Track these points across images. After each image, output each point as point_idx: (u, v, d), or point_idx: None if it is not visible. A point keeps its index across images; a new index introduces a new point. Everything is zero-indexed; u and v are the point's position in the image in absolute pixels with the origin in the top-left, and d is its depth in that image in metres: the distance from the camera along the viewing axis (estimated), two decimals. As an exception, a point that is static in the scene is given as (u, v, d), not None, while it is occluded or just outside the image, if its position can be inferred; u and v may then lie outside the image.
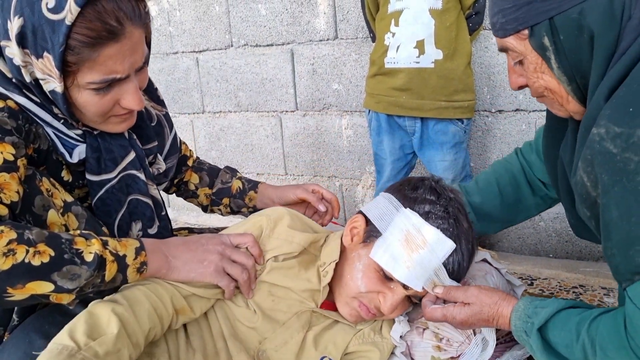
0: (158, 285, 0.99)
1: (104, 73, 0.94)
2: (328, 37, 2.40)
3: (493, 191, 1.30)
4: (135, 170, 1.14)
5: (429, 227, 1.03)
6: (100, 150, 1.08)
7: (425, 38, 1.79)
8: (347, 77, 2.40)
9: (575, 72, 0.87)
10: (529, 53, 0.90)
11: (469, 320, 1.02)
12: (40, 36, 0.89)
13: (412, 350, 1.15)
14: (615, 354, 0.82)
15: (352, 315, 1.11)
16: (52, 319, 0.98)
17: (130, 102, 1.01)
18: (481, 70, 2.07)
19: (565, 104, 0.94)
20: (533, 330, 0.93)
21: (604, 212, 0.79)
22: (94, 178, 1.08)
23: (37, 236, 0.85)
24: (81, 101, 0.97)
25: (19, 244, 0.82)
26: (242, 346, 1.05)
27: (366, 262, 1.08)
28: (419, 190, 1.10)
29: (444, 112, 1.85)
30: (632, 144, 0.74)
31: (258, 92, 2.67)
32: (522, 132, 2.08)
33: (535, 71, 0.92)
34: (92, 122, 1.04)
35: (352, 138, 2.48)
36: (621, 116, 0.76)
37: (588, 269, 1.92)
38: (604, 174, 0.78)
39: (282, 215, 1.15)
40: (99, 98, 0.97)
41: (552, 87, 0.92)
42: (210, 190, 1.45)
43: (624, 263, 0.78)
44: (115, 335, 0.87)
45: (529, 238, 2.19)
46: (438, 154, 1.92)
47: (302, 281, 1.11)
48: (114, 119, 1.05)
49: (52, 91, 0.95)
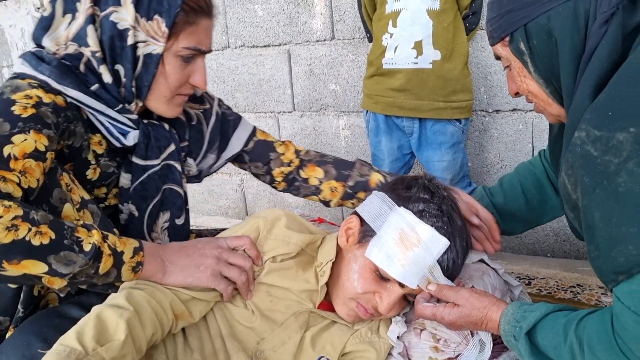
0: (157, 290, 0.99)
1: (197, 42, 1.09)
2: (325, 38, 2.40)
3: (517, 193, 1.33)
4: (174, 161, 1.22)
5: (423, 225, 1.04)
6: (150, 137, 1.16)
7: (423, 39, 1.79)
8: (344, 78, 2.41)
9: (550, 75, 0.92)
10: (512, 59, 0.96)
11: (458, 321, 1.03)
12: (157, 0, 1.03)
13: (409, 351, 1.15)
14: (602, 354, 0.82)
15: (350, 316, 1.12)
16: (50, 322, 0.98)
17: (200, 79, 1.15)
18: (478, 70, 2.08)
19: (547, 107, 0.98)
20: (521, 334, 0.94)
21: (586, 214, 0.80)
22: (140, 162, 1.16)
23: (41, 218, 0.88)
24: (169, 67, 1.09)
25: (23, 221, 0.85)
26: (240, 346, 1.05)
27: (362, 262, 1.08)
28: (413, 189, 1.10)
29: (442, 113, 1.85)
30: (611, 147, 0.76)
31: (255, 93, 2.67)
32: (519, 131, 2.09)
33: (519, 75, 0.98)
34: (161, 98, 1.13)
35: (350, 138, 2.49)
36: (601, 120, 0.78)
37: (586, 268, 1.92)
38: (585, 177, 0.80)
39: (279, 216, 1.16)
40: (182, 68, 1.10)
41: (534, 90, 0.97)
42: (340, 183, 1.41)
43: (607, 264, 0.79)
44: (122, 342, 0.87)
45: (526, 238, 2.20)
46: (436, 154, 1.92)
47: (300, 282, 1.12)
48: (178, 98, 1.16)
49: (149, 55, 1.06)
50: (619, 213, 0.75)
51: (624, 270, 0.76)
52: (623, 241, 0.75)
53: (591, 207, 0.79)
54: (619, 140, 0.75)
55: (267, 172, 1.43)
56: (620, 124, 0.76)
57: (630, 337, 0.78)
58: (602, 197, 0.77)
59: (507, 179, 1.37)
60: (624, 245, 0.75)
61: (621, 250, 0.75)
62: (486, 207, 1.31)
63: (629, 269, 0.75)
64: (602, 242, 0.78)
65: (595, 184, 0.78)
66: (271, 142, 1.43)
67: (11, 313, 1.03)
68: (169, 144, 1.20)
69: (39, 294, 1.04)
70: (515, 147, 2.11)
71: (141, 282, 0.99)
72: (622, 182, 0.74)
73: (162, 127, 1.20)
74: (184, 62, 1.10)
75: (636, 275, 0.75)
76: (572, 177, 0.84)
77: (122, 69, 1.07)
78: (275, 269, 1.10)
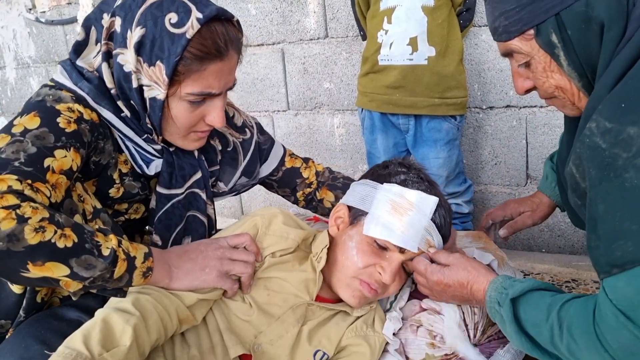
0: (163, 296, 0.99)
1: (204, 87, 1.04)
2: (318, 36, 2.40)
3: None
4: (199, 189, 1.22)
5: (411, 191, 1.10)
6: (174, 166, 1.16)
7: (418, 35, 1.79)
8: (338, 76, 2.41)
9: (585, 66, 0.86)
10: (536, 53, 0.89)
11: (444, 280, 1.05)
12: (158, 46, 1.00)
13: (406, 348, 1.16)
14: (581, 339, 0.83)
15: (355, 297, 1.12)
16: (48, 324, 0.98)
17: (215, 118, 1.10)
18: (471, 67, 2.08)
19: (577, 101, 0.93)
20: (507, 300, 0.95)
21: (590, 205, 0.80)
22: (164, 191, 1.16)
23: (65, 220, 0.89)
24: (175, 111, 1.07)
25: (50, 223, 0.86)
26: (238, 340, 1.06)
27: (358, 238, 1.11)
28: (390, 167, 1.18)
29: (438, 109, 1.85)
30: (621, 141, 0.74)
31: (249, 92, 2.67)
32: (512, 128, 2.09)
33: (544, 71, 0.91)
34: (175, 134, 1.12)
35: (345, 137, 2.49)
36: (613, 112, 0.76)
37: (581, 263, 1.93)
38: (592, 169, 0.79)
39: (276, 213, 1.17)
40: (191, 111, 1.07)
41: (563, 85, 0.91)
42: None
43: (604, 255, 0.79)
44: (128, 348, 0.88)
45: (521, 233, 2.21)
46: (432, 151, 1.93)
47: (297, 272, 1.13)
48: (193, 135, 1.14)
49: (153, 98, 1.05)
50: (623, 208, 0.75)
51: (619, 264, 0.77)
52: (623, 237, 0.75)
53: (596, 199, 0.78)
54: (630, 135, 0.73)
55: (292, 194, 1.50)
56: (633, 117, 0.74)
57: (606, 327, 0.80)
58: (607, 190, 0.76)
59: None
60: (623, 240, 0.75)
61: (620, 245, 0.76)
62: (552, 182, 1.34)
63: (623, 264, 0.76)
64: (603, 234, 0.78)
65: (601, 177, 0.77)
66: (297, 168, 1.48)
67: (13, 316, 1.02)
68: (195, 172, 1.21)
69: (42, 300, 1.04)
70: (509, 143, 2.12)
71: (148, 287, 1.00)
72: (629, 178, 0.73)
73: (191, 154, 1.20)
74: (193, 106, 1.07)
75: (628, 271, 0.76)
76: (580, 167, 0.83)
77: (135, 107, 1.08)
78: (274, 264, 1.11)
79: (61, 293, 1.08)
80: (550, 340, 0.88)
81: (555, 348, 0.88)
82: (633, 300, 0.76)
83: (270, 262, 1.11)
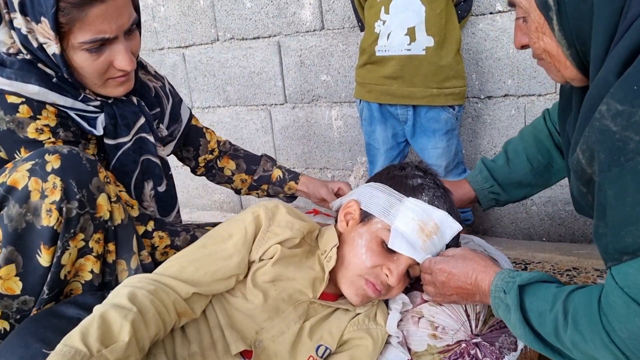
0: (160, 290, 0.99)
1: (94, 33, 1.05)
2: (314, 28, 2.39)
3: (522, 161, 1.34)
4: (145, 134, 1.29)
5: (437, 211, 1.13)
6: (116, 117, 1.22)
7: (416, 25, 1.78)
8: (335, 68, 2.40)
9: (575, 37, 0.85)
10: (532, 11, 0.89)
11: (448, 267, 1.06)
12: (37, 2, 1.01)
13: (408, 340, 1.16)
14: (586, 328, 0.82)
15: (359, 295, 1.12)
16: (47, 322, 0.98)
17: (122, 62, 1.12)
18: (469, 57, 2.07)
19: (563, 69, 0.92)
20: (514, 287, 0.94)
21: (599, 190, 0.78)
22: (111, 142, 1.22)
23: (182, 242, 1.25)
24: (78, 62, 1.09)
25: (171, 249, 1.25)
26: (239, 336, 1.06)
27: (368, 237, 1.13)
28: (407, 169, 1.22)
29: (436, 99, 1.84)
30: (633, 123, 0.72)
31: (246, 86, 2.66)
32: (511, 117, 2.09)
33: (536, 31, 0.90)
34: (92, 85, 1.16)
35: (343, 129, 2.48)
36: (625, 94, 0.73)
37: (581, 251, 1.93)
38: (601, 152, 0.76)
39: (278, 204, 1.17)
40: (93, 59, 1.09)
41: (551, 49, 0.90)
42: (248, 176, 1.65)
43: (613, 242, 0.77)
44: (127, 343, 0.88)
45: (522, 222, 2.20)
46: (430, 142, 1.92)
47: (306, 269, 1.13)
48: (112, 82, 1.17)
49: (54, 54, 1.06)
50: (635, 193, 0.72)
51: (630, 251, 0.75)
52: (635, 222, 0.73)
53: (605, 184, 0.76)
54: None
55: (194, 157, 1.60)
56: None
57: (615, 316, 0.78)
58: (617, 175, 0.74)
59: (512, 147, 1.37)
60: (634, 226, 0.73)
61: (631, 231, 0.74)
62: (484, 180, 1.35)
63: (635, 250, 0.74)
64: (613, 220, 0.77)
65: (611, 161, 0.74)
66: (201, 128, 1.60)
67: (37, 293, 1.05)
68: (138, 118, 1.27)
69: (65, 278, 1.06)
70: (508, 132, 2.11)
71: (144, 280, 0.99)
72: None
73: (130, 101, 1.26)
74: (93, 54, 1.08)
75: (638, 258, 0.74)
76: (587, 152, 0.80)
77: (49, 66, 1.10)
78: (282, 257, 1.10)
79: (84, 278, 1.10)
80: (554, 331, 0.87)
81: (559, 340, 0.87)
82: None
83: (280, 254, 1.10)
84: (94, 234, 1.06)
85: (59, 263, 1.03)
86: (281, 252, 1.10)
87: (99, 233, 1.08)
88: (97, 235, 1.07)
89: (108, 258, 1.12)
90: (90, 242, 1.06)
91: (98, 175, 1.06)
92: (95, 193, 1.05)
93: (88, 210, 1.04)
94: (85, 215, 1.03)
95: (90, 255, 1.08)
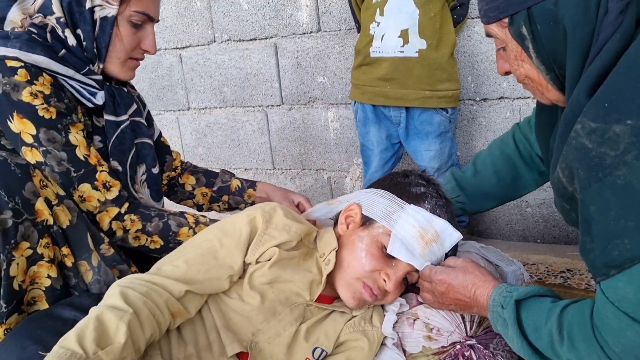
0: (151, 290, 0.99)
1: (145, 8, 1.26)
2: (311, 30, 2.39)
3: (489, 173, 1.35)
4: (139, 117, 1.39)
5: (438, 219, 1.13)
6: (115, 96, 1.31)
7: (409, 27, 1.79)
8: (332, 70, 2.40)
9: (552, 62, 0.87)
10: (509, 41, 0.91)
11: (448, 279, 1.06)
12: None
13: (403, 341, 1.16)
14: (581, 345, 0.82)
15: (355, 298, 1.12)
16: (43, 324, 0.98)
17: (149, 44, 1.31)
18: (465, 59, 2.08)
19: (546, 92, 0.94)
20: (511, 302, 0.95)
21: (582, 207, 0.79)
22: (112, 118, 1.30)
23: (154, 229, 1.29)
24: (122, 30, 1.25)
25: (142, 233, 1.28)
26: (235, 337, 1.05)
27: (368, 241, 1.12)
28: (410, 177, 1.22)
29: (428, 102, 1.85)
30: (607, 139, 0.74)
31: (243, 87, 2.66)
32: (506, 119, 2.09)
33: (515, 59, 0.93)
34: (116, 60, 1.28)
35: (339, 130, 2.48)
36: (597, 112, 0.76)
37: (576, 252, 1.92)
38: (580, 170, 0.78)
39: (275, 207, 1.17)
40: (132, 33, 1.26)
41: (532, 75, 0.93)
42: (209, 189, 1.68)
43: (600, 257, 0.78)
44: (123, 345, 0.88)
45: (516, 224, 2.21)
46: (423, 144, 1.93)
47: (303, 271, 1.13)
48: (130, 62, 1.31)
49: (104, 17, 1.21)
50: (617, 206, 0.74)
51: (617, 264, 0.76)
52: (620, 235, 0.74)
53: (587, 201, 0.78)
54: (616, 133, 0.73)
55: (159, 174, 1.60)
56: (617, 116, 0.73)
57: (608, 331, 0.79)
58: (598, 191, 0.75)
59: (481, 159, 1.39)
60: (620, 239, 0.74)
61: (617, 244, 0.75)
62: (451, 190, 1.36)
63: (621, 263, 0.75)
64: (598, 235, 0.77)
65: (590, 177, 0.76)
66: (168, 146, 1.66)
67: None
68: (132, 103, 1.37)
69: (19, 288, 1.04)
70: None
71: (136, 282, 0.99)
72: (621, 175, 0.73)
73: (122, 90, 1.35)
74: (135, 28, 1.26)
75: (626, 271, 0.75)
76: (566, 171, 0.82)
77: (82, 32, 1.21)
78: (279, 259, 1.10)
79: (43, 284, 1.08)
80: (550, 345, 0.87)
81: (555, 354, 0.87)
82: (635, 300, 0.75)
83: (277, 257, 1.10)
84: (40, 239, 1.05)
85: (7, 275, 1.01)
86: (279, 255, 1.09)
87: (46, 238, 1.06)
88: (44, 240, 1.05)
89: (66, 262, 1.12)
90: (38, 249, 1.05)
91: (32, 179, 1.04)
92: (32, 198, 1.03)
93: (27, 217, 1.02)
94: (24, 222, 1.01)
95: (42, 261, 1.06)
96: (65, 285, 1.13)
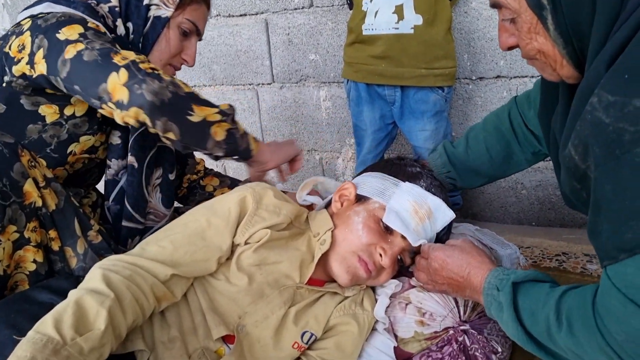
0: (136, 274, 0.95)
1: (197, 18, 1.31)
2: (303, 6, 2.33)
3: (481, 150, 1.32)
4: None
5: (434, 197, 1.14)
6: None
7: (404, 3, 1.73)
8: (324, 47, 2.34)
9: (573, 34, 0.81)
10: (523, 11, 0.84)
11: (444, 256, 1.05)
12: None
13: (395, 327, 1.14)
14: (581, 331, 0.79)
15: (349, 272, 1.11)
16: (18, 307, 0.93)
17: (190, 54, 1.34)
18: (461, 37, 2.03)
19: (559, 68, 0.88)
20: (508, 283, 0.92)
21: (596, 185, 0.74)
22: None
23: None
24: (171, 33, 1.29)
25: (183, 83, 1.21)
26: (221, 320, 1.03)
27: (365, 215, 1.13)
28: (405, 160, 1.25)
29: (424, 80, 1.80)
30: (627, 114, 0.68)
31: (233, 65, 2.60)
32: (503, 99, 2.05)
33: (529, 32, 0.86)
34: (158, 60, 1.30)
35: (331, 110, 2.44)
36: (616, 84, 0.70)
37: (571, 236, 1.92)
38: (595, 146, 0.73)
39: (266, 187, 1.15)
40: (178, 40, 1.30)
41: (546, 50, 0.86)
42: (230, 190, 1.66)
43: (612, 239, 0.74)
44: (103, 332, 0.84)
45: (511, 207, 2.19)
46: (418, 124, 1.88)
47: (292, 250, 1.11)
48: (168, 68, 1.34)
49: (158, 17, 1.25)
50: (634, 186, 0.69)
51: (629, 248, 0.71)
52: (636, 216, 0.70)
53: (602, 179, 0.73)
54: (636, 107, 0.68)
55: (179, 176, 1.61)
56: (638, 88, 0.68)
57: (611, 318, 0.75)
58: (614, 168, 0.70)
59: (473, 134, 1.35)
60: (635, 221, 0.70)
61: (631, 227, 0.70)
62: (442, 165, 1.34)
63: (633, 247, 0.71)
64: (611, 215, 0.73)
65: (606, 154, 0.71)
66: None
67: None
68: None
69: (4, 272, 1.01)
70: (499, 115, 2.08)
71: (119, 264, 0.95)
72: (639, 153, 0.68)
73: None
74: (182, 35, 1.30)
75: (637, 256, 0.71)
76: (579, 147, 0.77)
77: (133, 25, 1.25)
78: (269, 240, 1.08)
79: (27, 269, 1.05)
80: (547, 330, 0.84)
81: (552, 340, 0.84)
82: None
83: (268, 238, 1.07)
84: (28, 223, 1.02)
85: None
86: (270, 236, 1.07)
87: (34, 221, 1.03)
88: (31, 224, 1.03)
89: (53, 245, 1.09)
90: (25, 233, 1.02)
91: (20, 160, 1.01)
92: (20, 180, 1.00)
93: (14, 200, 0.98)
94: (12, 205, 0.98)
95: (29, 245, 1.03)
96: (51, 270, 1.10)
